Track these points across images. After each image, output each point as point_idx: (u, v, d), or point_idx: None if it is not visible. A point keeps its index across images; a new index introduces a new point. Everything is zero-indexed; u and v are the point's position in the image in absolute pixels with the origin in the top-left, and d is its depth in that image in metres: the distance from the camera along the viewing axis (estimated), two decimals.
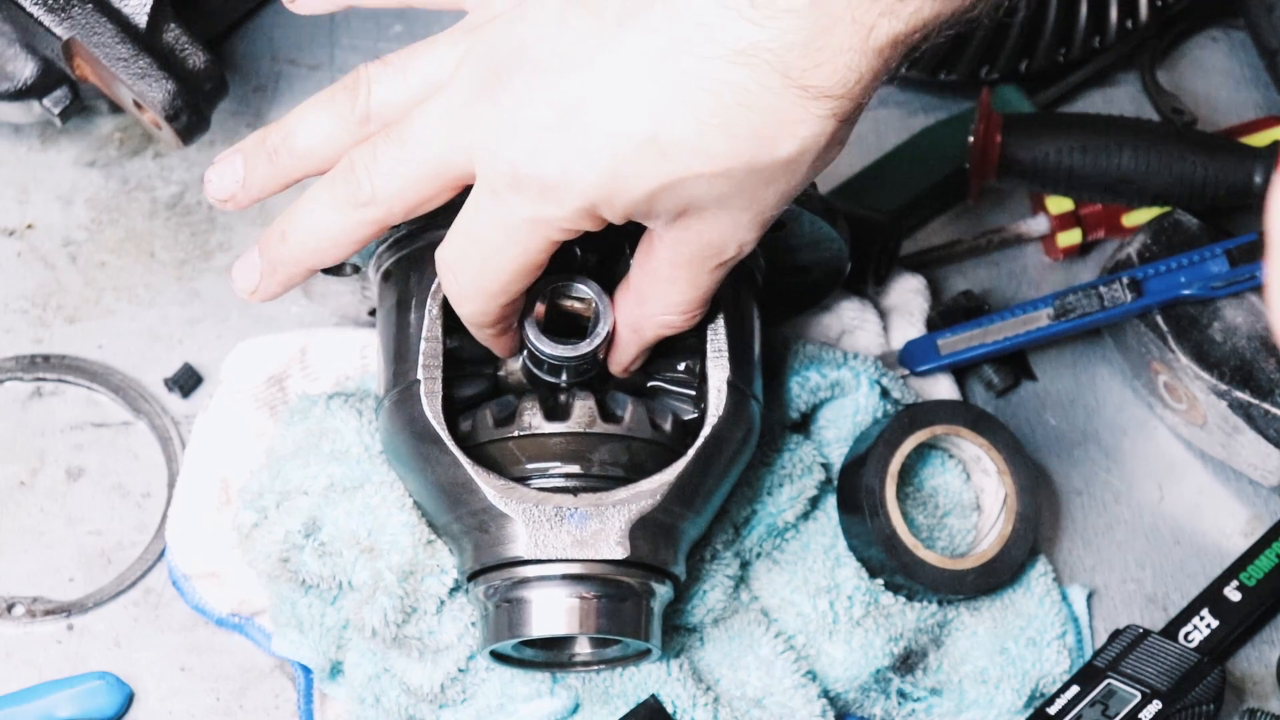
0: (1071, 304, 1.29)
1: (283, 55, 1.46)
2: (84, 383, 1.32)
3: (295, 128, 1.08)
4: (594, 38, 0.97)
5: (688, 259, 1.04)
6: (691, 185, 0.97)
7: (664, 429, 1.13)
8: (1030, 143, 1.34)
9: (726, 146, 0.96)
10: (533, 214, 1.00)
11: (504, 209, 1.00)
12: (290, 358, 1.28)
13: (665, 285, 1.06)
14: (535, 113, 0.98)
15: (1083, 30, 1.43)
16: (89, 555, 1.27)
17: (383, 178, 1.04)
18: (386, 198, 1.04)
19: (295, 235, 1.08)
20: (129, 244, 1.38)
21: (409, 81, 1.06)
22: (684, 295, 1.06)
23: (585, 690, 1.19)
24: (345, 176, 1.05)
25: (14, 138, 1.41)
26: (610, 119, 0.96)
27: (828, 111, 0.96)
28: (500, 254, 1.02)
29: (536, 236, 1.01)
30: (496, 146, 0.99)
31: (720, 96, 0.95)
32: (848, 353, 1.27)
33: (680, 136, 0.96)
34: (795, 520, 1.23)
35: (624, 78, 0.96)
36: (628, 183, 0.97)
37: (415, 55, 1.06)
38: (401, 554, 1.16)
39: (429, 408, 1.11)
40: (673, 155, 0.96)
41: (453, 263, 1.05)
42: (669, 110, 0.95)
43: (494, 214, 1.01)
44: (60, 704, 1.22)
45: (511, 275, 1.03)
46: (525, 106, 0.98)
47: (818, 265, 1.21)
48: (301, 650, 1.21)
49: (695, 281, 1.05)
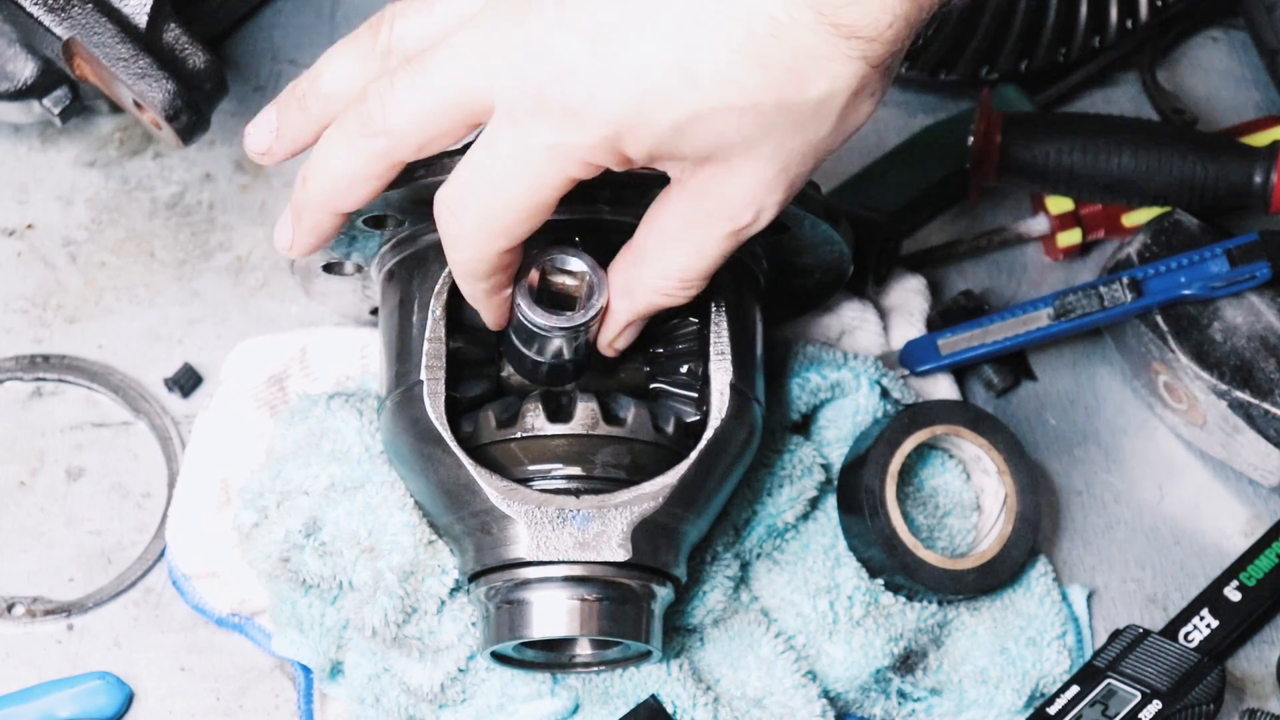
0: (1071, 304, 1.29)
1: (283, 55, 1.46)
2: (84, 383, 1.32)
3: (321, 70, 1.06)
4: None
5: (703, 216, 1.00)
6: (720, 120, 0.95)
7: (666, 431, 1.13)
8: (1030, 143, 1.34)
9: (757, 78, 0.94)
10: (554, 139, 0.96)
11: (523, 133, 0.97)
12: (290, 358, 1.28)
13: (671, 245, 1.03)
14: (564, 38, 0.95)
15: (1083, 30, 1.43)
16: (89, 555, 1.27)
17: (396, 106, 1.00)
18: (399, 128, 1.00)
19: (314, 177, 1.04)
20: (129, 244, 1.38)
21: (435, 15, 1.04)
22: (688, 260, 1.03)
23: (585, 691, 1.19)
24: (358, 108, 1.02)
25: (14, 138, 1.41)
26: (640, 44, 0.94)
27: (858, 53, 0.94)
28: (512, 185, 0.98)
29: (554, 167, 0.97)
30: (522, 70, 0.96)
31: (751, 27, 0.93)
32: (848, 353, 1.27)
33: (710, 65, 0.94)
34: (795, 521, 1.23)
35: (656, 4, 0.94)
36: (655, 110, 0.95)
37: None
38: (402, 554, 1.16)
39: (431, 409, 1.11)
40: (702, 83, 0.94)
41: (456, 200, 1.01)
42: (700, 38, 0.94)
43: (511, 141, 0.97)
44: (60, 704, 1.22)
45: (521, 211, 0.99)
46: (554, 31, 0.96)
47: (820, 268, 1.21)
48: (301, 650, 1.21)
49: (703, 247, 1.02)
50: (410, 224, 1.14)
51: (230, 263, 1.37)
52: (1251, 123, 1.42)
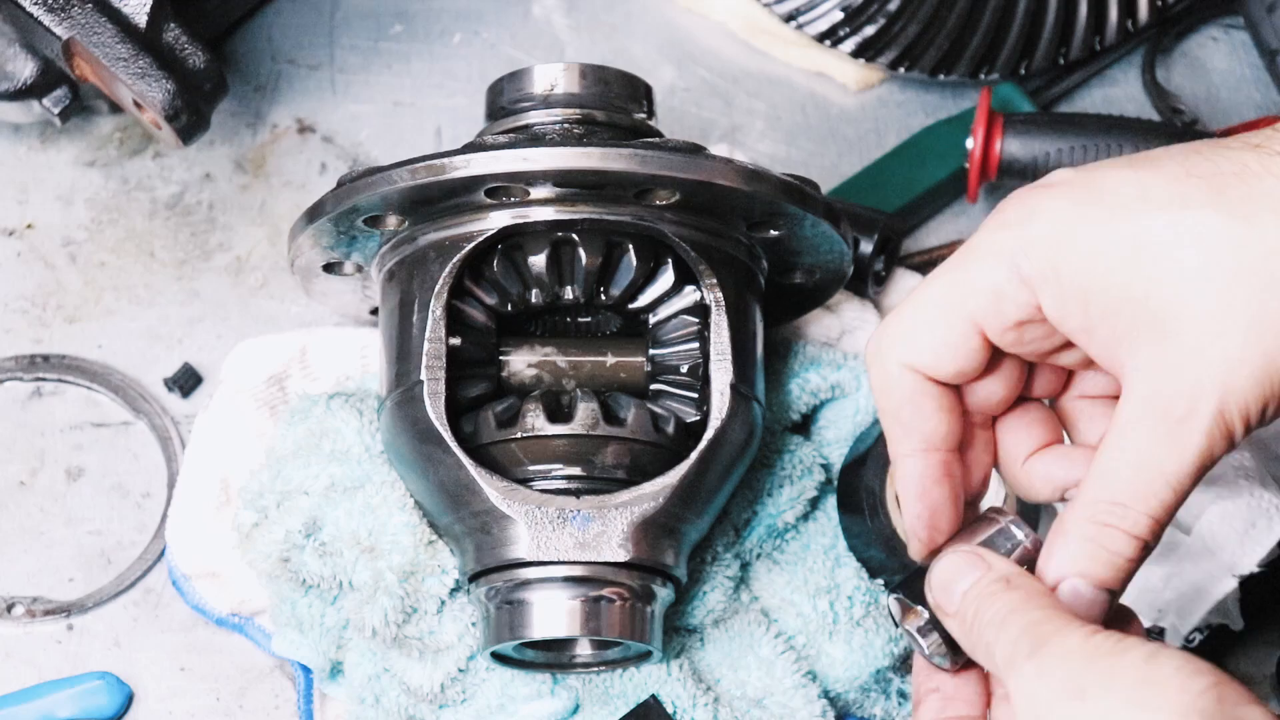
0: None
1: (283, 55, 1.46)
2: (84, 383, 1.32)
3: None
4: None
5: (1129, 419, 0.93)
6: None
7: (666, 431, 1.13)
8: (1030, 143, 1.34)
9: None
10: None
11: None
12: (290, 358, 1.27)
13: (1112, 457, 0.94)
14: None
15: (1083, 30, 1.43)
16: (89, 555, 1.27)
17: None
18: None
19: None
20: (129, 244, 1.38)
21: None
22: (1134, 477, 0.93)
23: (585, 691, 1.19)
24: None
25: (14, 138, 1.41)
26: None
27: None
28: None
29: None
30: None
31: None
32: (848, 354, 1.27)
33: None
34: (795, 521, 1.23)
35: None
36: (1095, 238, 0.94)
37: None
38: (402, 554, 1.16)
39: (432, 409, 1.11)
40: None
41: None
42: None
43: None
44: (60, 704, 1.22)
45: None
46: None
47: (820, 268, 1.21)
48: (301, 650, 1.21)
49: (1147, 456, 0.93)
50: (410, 224, 1.14)
51: (230, 263, 1.37)
52: (1251, 123, 1.42)
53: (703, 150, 1.13)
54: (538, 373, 1.16)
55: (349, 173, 1.15)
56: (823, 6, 1.43)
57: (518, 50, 1.47)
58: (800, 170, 1.32)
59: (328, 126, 1.43)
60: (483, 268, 1.15)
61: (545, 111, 1.19)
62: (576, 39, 1.47)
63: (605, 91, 1.20)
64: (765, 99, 1.45)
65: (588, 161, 1.10)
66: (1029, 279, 0.96)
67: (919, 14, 1.42)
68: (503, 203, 1.12)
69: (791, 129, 1.44)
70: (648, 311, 1.16)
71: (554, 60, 1.42)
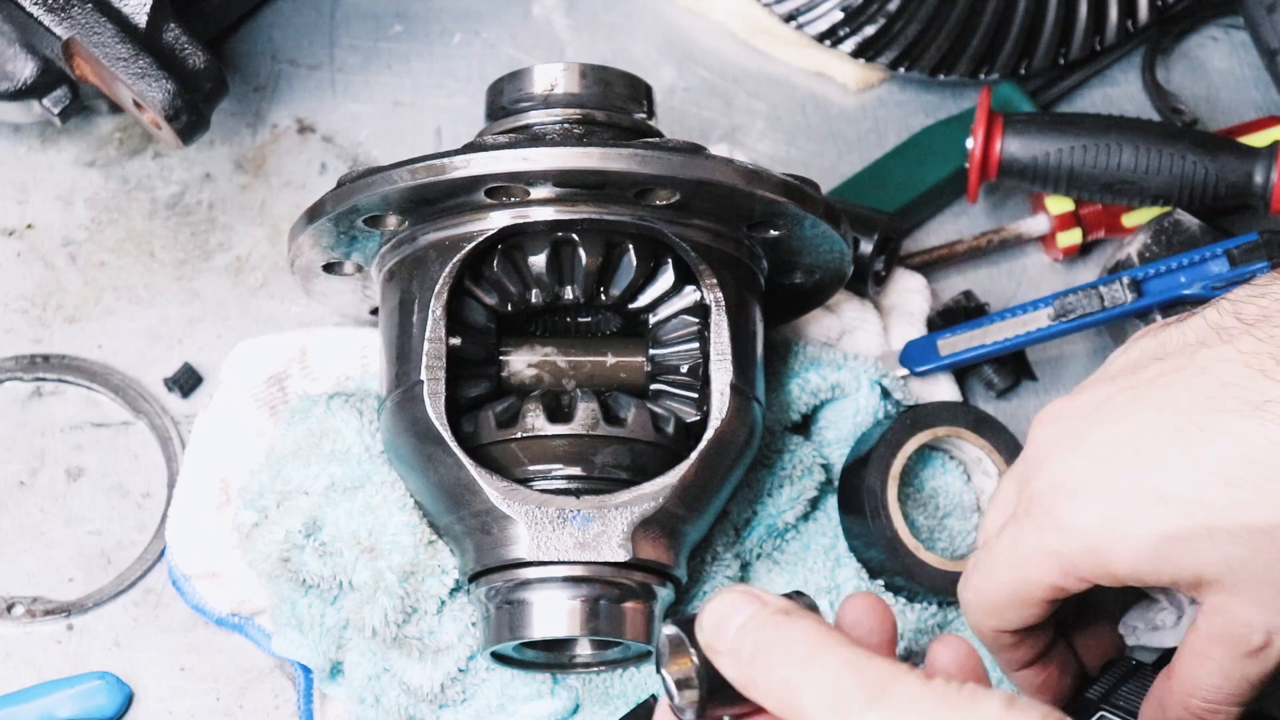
0: (1071, 304, 1.29)
1: (283, 55, 1.46)
2: (84, 383, 1.32)
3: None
4: (1130, 391, 1.02)
5: (1217, 635, 1.01)
6: (1196, 544, 0.97)
7: (666, 431, 1.13)
8: (1030, 143, 1.34)
9: (1225, 498, 0.96)
10: (1039, 543, 1.02)
11: (1019, 531, 1.04)
12: (290, 358, 1.28)
13: (1195, 662, 1.03)
14: (1065, 455, 1.02)
15: (1083, 30, 1.43)
16: (89, 555, 1.27)
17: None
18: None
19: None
20: (129, 244, 1.38)
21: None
22: (1212, 680, 1.02)
23: (585, 691, 1.19)
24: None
25: (14, 138, 1.41)
26: (1119, 463, 1.00)
27: None
28: (1001, 573, 1.05)
29: (1039, 568, 1.03)
30: (1025, 475, 1.05)
31: (1223, 449, 0.96)
32: (848, 354, 1.27)
33: (1179, 486, 0.97)
34: (795, 521, 1.23)
35: (1146, 430, 1.00)
36: (1126, 529, 0.99)
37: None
38: (402, 554, 1.16)
39: (432, 409, 1.11)
40: (1169, 503, 0.98)
41: (967, 572, 1.08)
42: (1173, 460, 0.98)
43: (1010, 535, 1.04)
44: (60, 704, 1.22)
45: (1006, 598, 1.05)
46: (1059, 448, 1.03)
47: (820, 268, 1.21)
48: (301, 650, 1.21)
49: (1225, 669, 1.01)
50: (410, 224, 1.14)
51: (230, 263, 1.37)
52: (1251, 123, 1.42)
53: (703, 150, 1.13)
54: (538, 373, 1.16)
55: (349, 173, 1.15)
56: (823, 6, 1.43)
57: (518, 50, 1.46)
58: (800, 170, 1.32)
59: (328, 126, 1.43)
60: (483, 268, 1.15)
61: (545, 111, 1.19)
62: (576, 39, 1.47)
63: (605, 91, 1.20)
64: (765, 99, 1.45)
65: (588, 161, 1.10)
66: (1084, 579, 1.03)
67: (919, 14, 1.42)
68: (503, 203, 1.12)
69: (791, 129, 1.44)
70: (648, 311, 1.16)
71: (554, 60, 1.42)
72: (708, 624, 0.93)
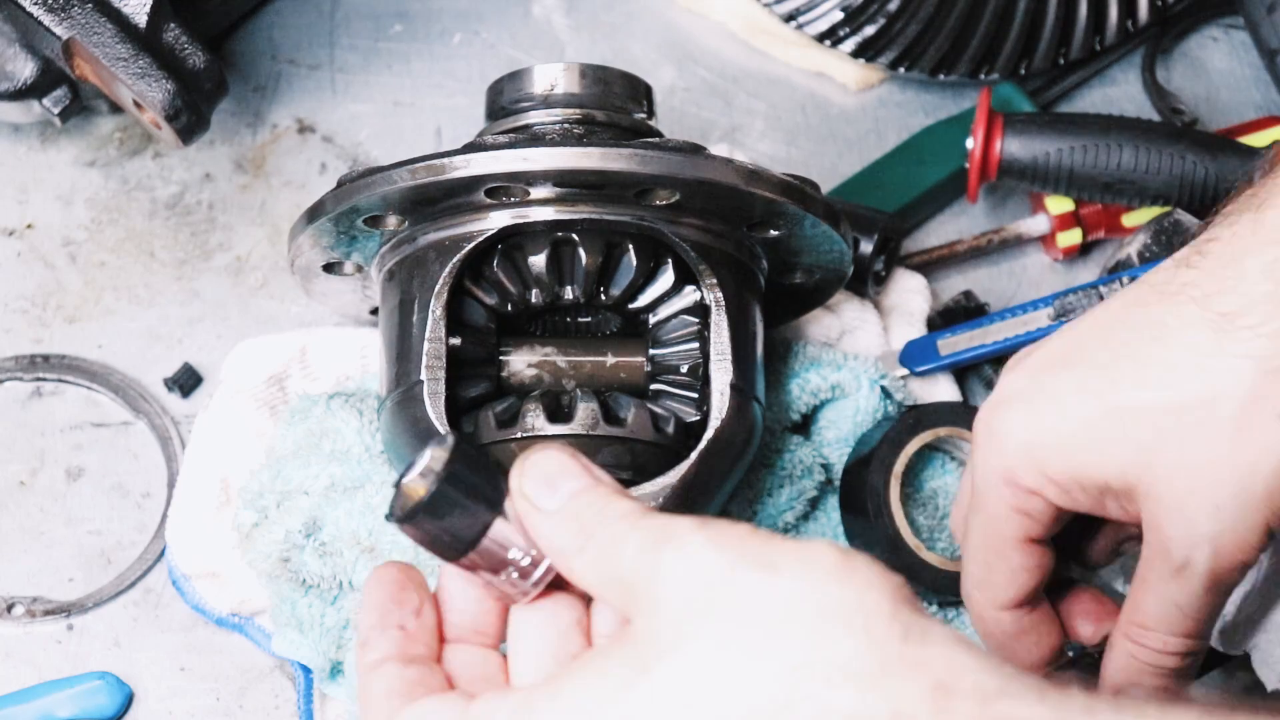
0: (1071, 304, 1.29)
1: (283, 55, 1.46)
2: (84, 383, 1.32)
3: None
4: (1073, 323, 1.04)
5: (1146, 559, 1.00)
6: (1109, 427, 0.98)
7: (666, 431, 1.13)
8: (1030, 143, 1.34)
9: (1132, 377, 0.98)
10: (986, 459, 1.04)
11: (979, 458, 1.04)
12: (290, 358, 1.28)
13: (1135, 587, 1.01)
14: (1010, 376, 1.05)
15: (1083, 30, 1.43)
16: (89, 555, 1.27)
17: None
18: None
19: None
20: (129, 244, 1.38)
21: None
22: (1147, 605, 1.00)
23: None
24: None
25: (14, 138, 1.41)
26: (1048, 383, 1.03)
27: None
28: (976, 499, 1.05)
29: (997, 489, 1.03)
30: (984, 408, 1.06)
31: (1138, 334, 0.99)
32: (848, 354, 1.27)
33: (1096, 375, 1.00)
34: (795, 521, 1.23)
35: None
36: (1051, 423, 1.01)
37: None
38: (402, 554, 1.15)
39: (432, 409, 1.11)
40: (1088, 392, 0.99)
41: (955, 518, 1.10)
42: (1094, 355, 1.01)
43: (978, 465, 1.05)
44: (60, 704, 1.22)
45: (989, 538, 1.05)
46: (1011, 372, 1.06)
47: (820, 268, 1.21)
48: (301, 650, 1.21)
49: (1158, 593, 0.99)
50: (410, 224, 1.14)
51: (230, 263, 1.37)
52: (1251, 123, 1.42)
53: (703, 150, 1.14)
54: (538, 373, 1.16)
55: (349, 173, 1.15)
56: (823, 6, 1.43)
57: (518, 50, 1.47)
58: (800, 170, 1.32)
59: (328, 126, 1.43)
60: (483, 268, 1.15)
61: (545, 111, 1.19)
62: (576, 39, 1.47)
63: (605, 91, 1.20)
64: (765, 99, 1.45)
65: (588, 161, 1.10)
66: (1031, 489, 1.02)
67: (919, 14, 1.42)
68: (503, 203, 1.12)
69: (791, 129, 1.44)
70: (648, 311, 1.16)
71: (554, 60, 1.42)
72: (537, 474, 0.87)
